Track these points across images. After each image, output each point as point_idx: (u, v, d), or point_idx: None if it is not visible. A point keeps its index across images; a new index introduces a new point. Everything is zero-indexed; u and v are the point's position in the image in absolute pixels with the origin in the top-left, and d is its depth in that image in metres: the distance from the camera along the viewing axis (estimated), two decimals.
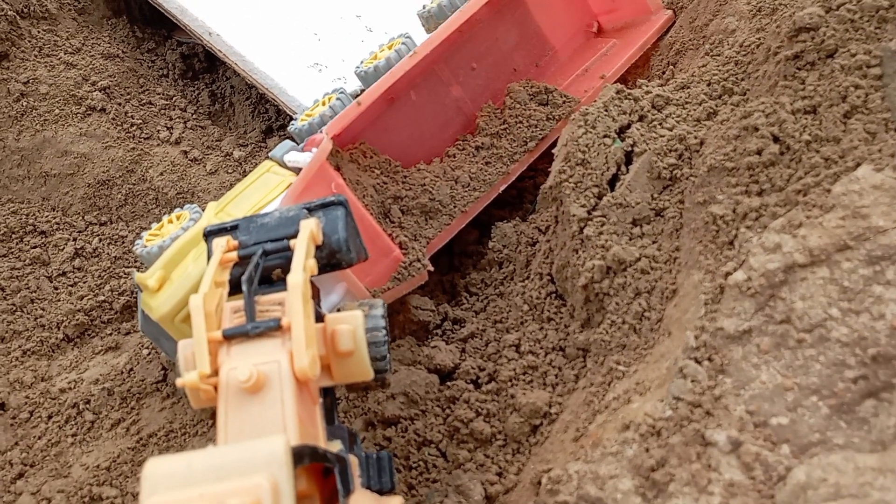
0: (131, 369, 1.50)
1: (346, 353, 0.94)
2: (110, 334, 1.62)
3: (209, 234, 1.03)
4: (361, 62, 1.49)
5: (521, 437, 1.16)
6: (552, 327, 1.26)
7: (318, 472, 0.85)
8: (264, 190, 1.32)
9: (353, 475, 0.88)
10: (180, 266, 1.29)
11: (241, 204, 1.32)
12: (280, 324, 0.89)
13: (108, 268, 1.71)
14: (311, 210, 1.03)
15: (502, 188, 1.51)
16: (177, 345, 1.28)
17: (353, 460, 0.92)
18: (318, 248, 1.01)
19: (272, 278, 0.99)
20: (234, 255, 0.99)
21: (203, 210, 1.42)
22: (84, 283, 1.69)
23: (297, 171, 1.33)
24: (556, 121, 1.52)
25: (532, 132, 1.53)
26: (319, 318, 0.98)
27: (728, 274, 0.98)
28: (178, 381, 0.88)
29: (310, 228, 0.98)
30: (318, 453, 0.80)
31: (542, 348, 1.24)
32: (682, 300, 1.05)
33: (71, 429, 1.44)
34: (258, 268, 0.97)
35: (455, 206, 1.47)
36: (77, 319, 1.62)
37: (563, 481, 0.97)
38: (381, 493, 0.96)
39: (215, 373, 0.89)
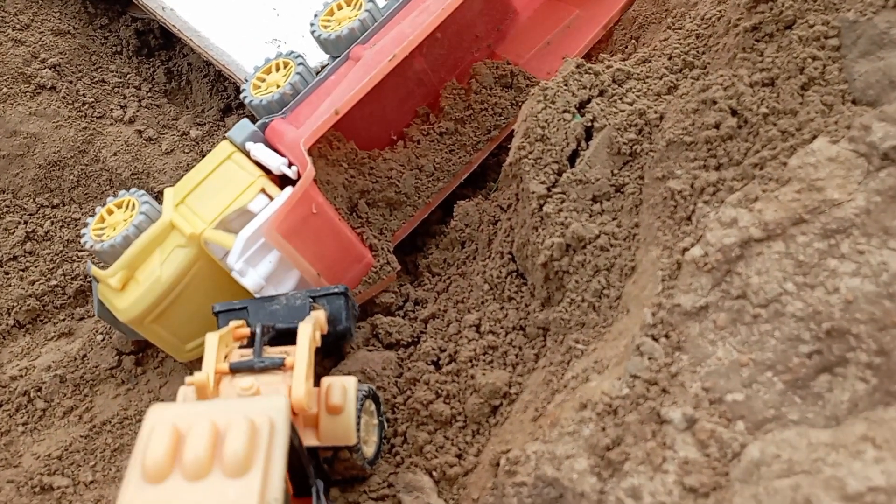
0: (84, 355, 1.46)
1: (337, 407, 1.03)
2: (63, 320, 1.57)
3: (220, 313, 1.18)
4: (316, 16, 1.42)
5: (481, 418, 1.15)
6: (512, 306, 1.24)
7: None
8: (230, 188, 1.26)
9: None
10: (145, 266, 1.27)
11: (205, 199, 1.27)
12: (284, 362, 1.00)
13: (61, 251, 1.65)
14: (314, 298, 1.17)
15: (464, 177, 1.50)
16: (131, 328, 1.28)
17: None
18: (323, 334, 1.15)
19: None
20: (246, 331, 1.11)
21: (148, 194, 1.39)
22: (35, 267, 1.63)
23: (261, 167, 1.28)
24: (519, 106, 1.50)
25: (496, 120, 1.51)
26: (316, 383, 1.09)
27: (685, 250, 0.97)
28: (188, 379, 0.96)
29: (319, 317, 1.13)
30: (304, 459, 0.88)
31: (502, 328, 1.22)
32: (640, 277, 1.03)
33: (21, 417, 1.40)
34: (270, 331, 1.10)
35: (419, 198, 1.46)
36: (28, 305, 1.57)
37: (520, 462, 0.95)
38: None
39: None
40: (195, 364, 1.36)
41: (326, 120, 1.23)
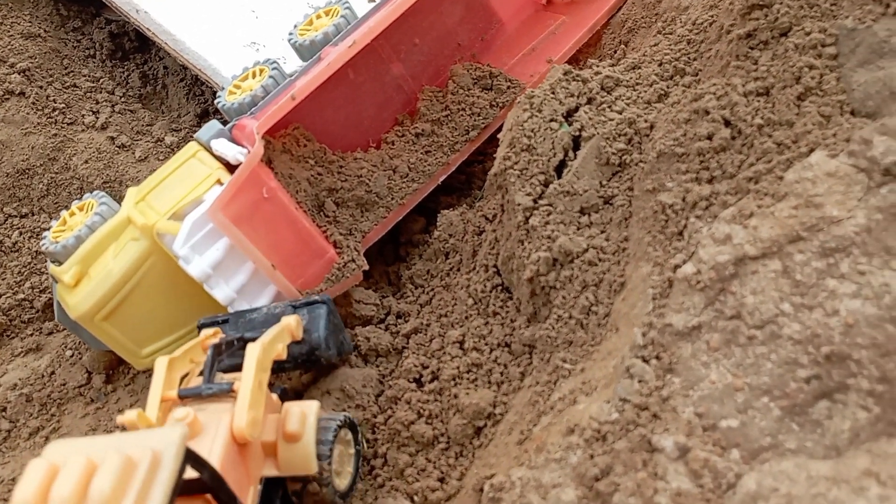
0: (52, 372, 1.40)
1: (294, 435, 0.98)
2: (31, 335, 1.51)
3: (202, 327, 1.14)
4: (295, 27, 1.40)
5: (465, 440, 1.10)
6: (497, 322, 1.19)
7: None
8: (190, 181, 1.25)
9: None
10: (99, 261, 1.25)
11: (164, 195, 1.25)
12: (232, 387, 0.95)
13: (29, 263, 1.59)
14: (295, 308, 1.14)
15: (442, 179, 1.45)
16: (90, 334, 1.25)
17: None
18: (297, 343, 1.10)
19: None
20: (216, 340, 1.07)
21: (109, 195, 1.37)
22: (2, 280, 1.57)
23: (224, 162, 1.25)
24: (499, 108, 1.46)
25: (475, 120, 1.46)
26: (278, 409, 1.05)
27: (677, 267, 0.92)
28: (119, 419, 0.92)
29: (289, 322, 1.07)
30: (199, 460, 0.80)
31: (486, 344, 1.18)
32: (630, 294, 0.99)
33: None
34: (231, 345, 1.05)
35: (392, 199, 1.40)
36: None
37: (505, 489, 0.91)
38: None
39: None
40: None
41: (282, 105, 1.22)
